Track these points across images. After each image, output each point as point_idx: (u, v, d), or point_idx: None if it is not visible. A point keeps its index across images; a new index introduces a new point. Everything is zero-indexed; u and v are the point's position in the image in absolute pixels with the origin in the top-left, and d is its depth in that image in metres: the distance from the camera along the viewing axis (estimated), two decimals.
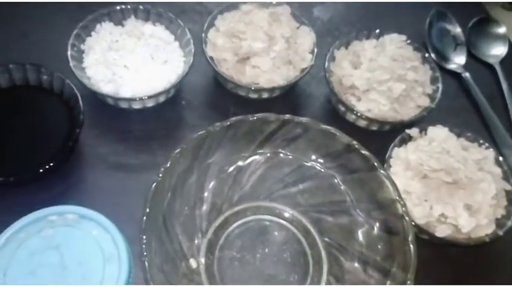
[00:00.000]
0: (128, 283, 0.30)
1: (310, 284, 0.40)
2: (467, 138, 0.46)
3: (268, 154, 0.42)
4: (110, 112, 0.48)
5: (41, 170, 0.39)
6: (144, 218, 0.33)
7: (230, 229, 0.42)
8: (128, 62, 0.46)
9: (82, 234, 0.31)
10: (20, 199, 0.41)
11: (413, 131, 0.46)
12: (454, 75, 0.57)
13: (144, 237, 0.32)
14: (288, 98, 0.52)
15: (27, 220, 0.31)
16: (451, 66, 0.57)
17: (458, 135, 0.46)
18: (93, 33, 0.49)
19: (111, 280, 0.29)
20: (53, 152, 0.41)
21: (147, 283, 0.31)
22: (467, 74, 0.56)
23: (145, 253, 0.31)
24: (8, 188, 0.41)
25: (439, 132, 0.45)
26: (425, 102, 0.49)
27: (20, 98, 0.44)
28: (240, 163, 0.42)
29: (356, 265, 0.39)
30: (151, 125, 0.49)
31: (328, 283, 0.40)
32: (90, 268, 0.30)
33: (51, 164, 0.39)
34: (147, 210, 0.33)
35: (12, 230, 0.30)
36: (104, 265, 0.30)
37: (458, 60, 0.58)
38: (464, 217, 0.40)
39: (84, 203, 0.42)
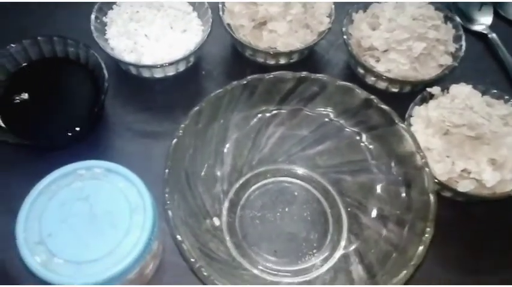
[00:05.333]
0: (153, 232, 0.31)
1: (330, 241, 0.41)
2: (492, 95, 0.45)
3: (286, 114, 0.42)
4: (133, 83, 0.50)
5: (70, 134, 0.41)
6: (167, 170, 0.34)
7: (251, 189, 0.43)
8: (149, 32, 0.48)
9: (109, 186, 0.32)
10: (52, 164, 0.43)
11: (435, 89, 0.45)
12: (480, 36, 0.55)
13: (167, 188, 0.33)
14: (306, 65, 0.52)
15: (58, 173, 0.33)
16: (477, 27, 0.56)
17: (483, 93, 0.45)
18: (114, 6, 0.50)
19: (137, 227, 0.31)
20: (81, 119, 0.43)
21: (171, 232, 0.33)
22: (494, 35, 0.55)
23: (168, 202, 0.32)
24: (41, 152, 0.43)
25: (462, 90, 0.44)
26: (447, 61, 0.48)
27: (49, 69, 0.46)
28: (259, 124, 0.42)
29: (375, 220, 0.39)
30: (173, 95, 0.50)
31: (348, 239, 0.40)
32: (118, 217, 0.31)
33: (78, 129, 0.41)
34: (169, 163, 0.34)
35: (44, 183, 0.32)
36: (131, 215, 0.31)
37: (484, 20, 0.56)
38: (489, 172, 0.39)
39: None
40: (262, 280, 0.38)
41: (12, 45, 0.44)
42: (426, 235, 0.33)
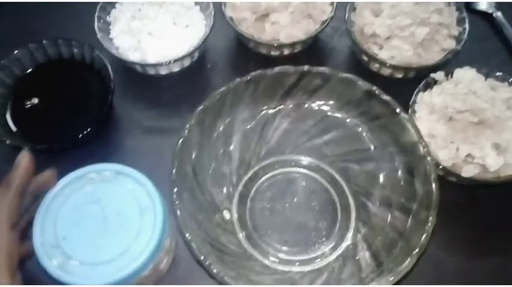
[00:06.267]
0: (163, 231, 0.33)
1: (339, 229, 0.42)
2: (496, 78, 0.45)
3: (291, 107, 0.43)
4: (140, 81, 0.51)
5: (80, 136, 0.42)
6: (174, 170, 0.35)
7: (259, 181, 0.44)
8: (152, 29, 0.48)
9: (119, 188, 0.34)
10: (65, 165, 0.45)
11: (439, 75, 0.45)
12: (484, 16, 0.55)
13: (175, 188, 0.34)
14: (311, 53, 0.52)
15: (70, 177, 0.34)
16: (482, 6, 0.55)
17: (487, 76, 0.45)
18: (117, 5, 0.51)
19: (148, 227, 0.32)
20: (90, 119, 0.44)
21: (180, 232, 0.34)
22: (499, 14, 0.54)
23: (176, 202, 0.34)
24: (52, 155, 0.45)
25: (465, 74, 0.44)
26: (451, 45, 0.47)
27: (55, 72, 0.47)
28: (264, 118, 0.43)
29: (382, 208, 0.40)
30: (179, 90, 0.51)
31: (356, 227, 0.41)
32: (129, 217, 0.32)
33: (89, 129, 0.42)
34: (176, 163, 0.35)
35: (58, 188, 0.33)
36: (141, 216, 0.32)
37: None
38: (492, 156, 0.39)
39: (126, 166, 0.46)
40: (273, 270, 0.39)
41: (18, 49, 0.46)
42: (429, 224, 0.33)
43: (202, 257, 0.32)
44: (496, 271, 0.41)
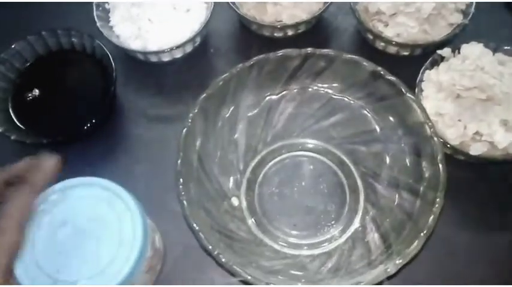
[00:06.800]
0: (146, 235, 0.31)
1: (348, 212, 0.42)
2: (505, 52, 0.44)
3: (296, 90, 0.42)
4: (142, 68, 0.50)
5: (85, 127, 0.42)
6: (179, 161, 0.35)
7: (267, 167, 0.44)
8: (152, 15, 0.47)
9: (91, 202, 0.31)
10: (72, 157, 0.44)
11: (445, 51, 0.44)
12: None
13: (181, 178, 0.34)
14: (315, 33, 0.51)
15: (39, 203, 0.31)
16: None
17: (495, 50, 0.44)
18: None
19: (128, 235, 0.30)
20: (94, 110, 0.44)
21: (187, 223, 0.34)
22: None
23: (183, 193, 0.34)
24: (58, 148, 0.45)
25: (473, 49, 0.43)
26: (458, 19, 0.46)
27: (56, 63, 0.47)
28: (269, 103, 0.43)
29: (390, 189, 0.40)
30: (183, 76, 0.50)
31: (365, 209, 0.41)
32: (106, 230, 0.30)
33: (93, 121, 0.42)
34: (181, 154, 0.35)
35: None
36: (120, 225, 0.30)
37: None
38: (501, 133, 0.39)
39: (132, 156, 0.46)
40: (283, 254, 0.39)
41: (17, 42, 0.45)
42: (436, 206, 0.33)
43: (210, 247, 0.32)
44: (505, 249, 0.40)
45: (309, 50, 0.39)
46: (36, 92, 0.45)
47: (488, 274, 0.39)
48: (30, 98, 0.45)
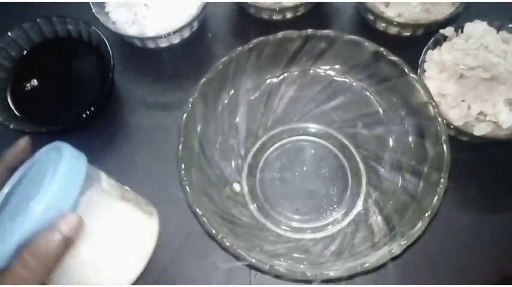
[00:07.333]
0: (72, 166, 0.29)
1: (350, 195, 0.41)
2: (509, 30, 0.43)
3: (296, 73, 0.42)
4: (139, 55, 0.49)
5: (84, 115, 0.41)
6: (180, 146, 0.34)
7: (268, 152, 0.44)
8: (148, 0, 0.47)
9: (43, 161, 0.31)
10: (73, 145, 0.44)
11: (448, 31, 0.43)
12: None
13: (182, 164, 0.34)
14: (314, 16, 0.51)
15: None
16: None
17: (499, 29, 0.43)
18: None
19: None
20: (92, 98, 0.43)
21: (190, 207, 0.34)
22: None
23: (185, 178, 0.33)
24: (56, 136, 0.44)
25: (476, 28, 0.42)
26: None
27: (53, 51, 0.46)
28: (269, 87, 0.42)
29: (393, 172, 0.39)
30: (182, 63, 0.49)
31: (367, 192, 0.41)
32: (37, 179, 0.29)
33: (92, 109, 0.42)
34: (182, 139, 0.35)
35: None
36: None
37: None
38: (505, 113, 0.38)
39: (131, 144, 0.45)
40: (286, 238, 0.39)
41: (13, 30, 0.44)
42: (440, 186, 0.33)
43: (214, 231, 0.32)
44: (509, 229, 0.40)
45: (310, 31, 0.38)
46: (35, 82, 0.45)
47: (491, 255, 0.39)
48: (28, 87, 0.44)
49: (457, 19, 0.45)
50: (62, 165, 0.28)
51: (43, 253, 0.26)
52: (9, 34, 0.44)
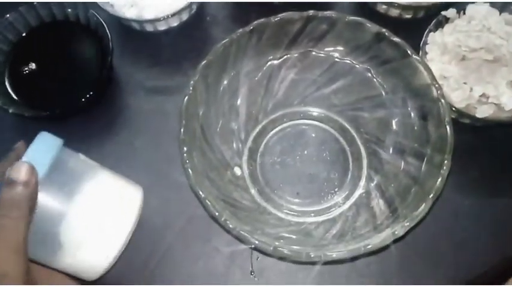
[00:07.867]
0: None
1: (351, 179, 0.41)
2: (511, 11, 0.43)
3: (297, 55, 0.41)
4: (138, 38, 0.49)
5: (83, 100, 0.41)
6: (182, 129, 0.34)
7: (268, 136, 0.43)
8: None
9: None
10: (73, 130, 0.44)
11: (450, 12, 0.43)
12: None
13: (184, 147, 0.34)
14: None
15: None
16: None
17: (502, 10, 0.43)
18: None
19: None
20: (91, 82, 0.43)
21: (193, 190, 0.34)
22: None
23: (187, 161, 0.33)
24: (55, 121, 0.44)
25: (479, 9, 0.42)
26: None
27: (51, 34, 0.45)
28: (269, 70, 0.42)
29: (394, 155, 0.39)
30: (180, 46, 0.49)
31: (368, 176, 0.41)
32: None
33: (91, 93, 0.41)
34: (183, 122, 0.34)
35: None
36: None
37: None
38: (508, 94, 0.38)
39: (131, 129, 0.45)
40: (287, 222, 0.39)
41: (9, 13, 0.44)
42: (444, 168, 0.33)
43: (217, 214, 0.32)
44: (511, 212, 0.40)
45: (311, 12, 0.38)
46: (33, 65, 0.44)
47: (492, 236, 0.39)
48: (26, 71, 0.44)
49: (459, 1, 0.44)
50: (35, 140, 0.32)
51: (7, 199, 0.28)
52: (6, 17, 0.44)
